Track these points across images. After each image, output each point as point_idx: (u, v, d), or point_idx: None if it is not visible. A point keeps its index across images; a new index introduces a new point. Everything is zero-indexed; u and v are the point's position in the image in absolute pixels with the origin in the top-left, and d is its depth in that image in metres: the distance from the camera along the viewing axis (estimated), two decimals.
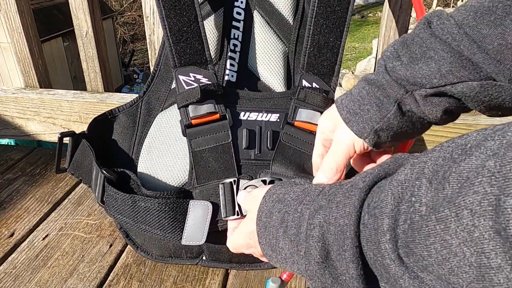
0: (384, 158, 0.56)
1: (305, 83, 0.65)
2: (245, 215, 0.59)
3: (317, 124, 0.64)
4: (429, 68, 0.44)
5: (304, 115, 0.64)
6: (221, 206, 0.61)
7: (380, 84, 0.49)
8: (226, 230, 0.63)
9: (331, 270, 0.36)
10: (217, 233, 0.63)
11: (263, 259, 0.52)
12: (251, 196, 0.51)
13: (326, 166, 0.54)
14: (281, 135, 0.64)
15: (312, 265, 0.37)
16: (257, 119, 0.65)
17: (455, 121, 0.82)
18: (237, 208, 0.60)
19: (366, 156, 0.57)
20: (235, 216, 0.60)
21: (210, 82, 0.63)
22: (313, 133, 0.64)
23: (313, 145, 0.62)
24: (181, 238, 0.61)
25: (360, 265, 0.34)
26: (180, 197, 0.62)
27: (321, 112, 0.64)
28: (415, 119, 0.50)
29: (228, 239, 0.56)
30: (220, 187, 0.62)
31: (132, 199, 0.60)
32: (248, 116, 0.65)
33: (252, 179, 0.63)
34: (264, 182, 0.60)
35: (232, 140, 0.63)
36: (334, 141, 0.54)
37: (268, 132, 0.65)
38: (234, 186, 0.61)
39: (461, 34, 0.42)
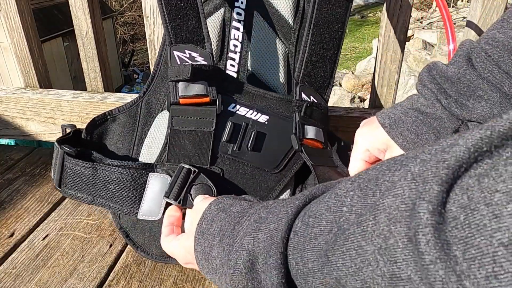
0: None
1: (304, 96, 0.65)
2: (185, 208, 0.58)
3: (320, 141, 0.65)
4: (482, 109, 0.50)
5: (310, 133, 0.64)
6: (168, 186, 0.59)
7: (438, 117, 0.54)
8: None
9: (254, 283, 0.35)
10: None
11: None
12: (196, 210, 0.50)
13: None
14: (306, 158, 0.63)
15: (237, 275, 0.37)
16: (246, 115, 0.63)
17: None
18: (181, 197, 0.58)
19: None
20: (175, 202, 0.58)
21: (206, 63, 0.61)
22: (318, 149, 0.65)
23: (325, 158, 0.64)
24: (137, 213, 0.60)
25: (283, 273, 0.32)
26: (142, 168, 0.61)
27: (322, 129, 0.65)
28: None
29: (164, 239, 0.54)
30: (178, 167, 0.59)
31: (93, 167, 0.59)
32: (238, 110, 0.63)
33: (223, 172, 0.62)
34: None
35: (214, 129, 0.62)
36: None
37: (253, 132, 0.63)
38: (191, 176, 0.58)
39: (501, 73, 0.48)
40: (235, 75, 0.71)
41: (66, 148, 0.61)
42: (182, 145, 0.62)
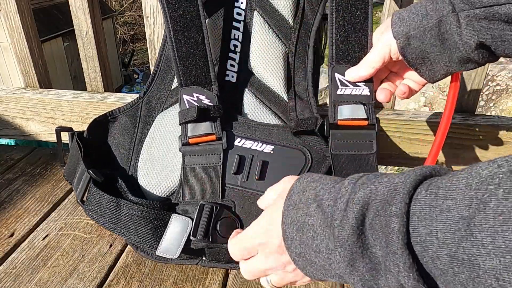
0: (409, 73, 0.62)
1: (338, 76, 0.63)
2: (218, 241, 0.59)
3: (362, 119, 0.62)
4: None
5: (345, 112, 0.62)
6: (193, 225, 0.61)
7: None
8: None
9: (363, 239, 0.34)
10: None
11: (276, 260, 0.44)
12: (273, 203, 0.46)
13: (362, 61, 0.61)
14: (330, 145, 0.63)
15: (346, 229, 0.34)
16: (251, 147, 0.65)
17: (456, 122, 0.82)
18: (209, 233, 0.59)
19: (392, 72, 0.65)
20: (204, 240, 0.60)
21: (211, 104, 0.64)
22: (360, 127, 0.63)
23: (365, 143, 0.63)
24: (156, 248, 0.61)
25: (405, 222, 0.31)
26: (164, 208, 0.63)
27: (364, 104, 0.62)
28: (447, 45, 0.54)
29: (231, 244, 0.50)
30: (199, 206, 0.61)
31: (117, 202, 0.61)
32: (244, 144, 0.65)
33: (234, 205, 0.63)
34: None
35: (222, 163, 0.64)
36: (377, 42, 0.60)
37: (259, 162, 0.64)
38: (214, 213, 0.61)
39: None
40: (235, 75, 0.71)
41: (93, 174, 0.62)
42: (195, 181, 0.64)
